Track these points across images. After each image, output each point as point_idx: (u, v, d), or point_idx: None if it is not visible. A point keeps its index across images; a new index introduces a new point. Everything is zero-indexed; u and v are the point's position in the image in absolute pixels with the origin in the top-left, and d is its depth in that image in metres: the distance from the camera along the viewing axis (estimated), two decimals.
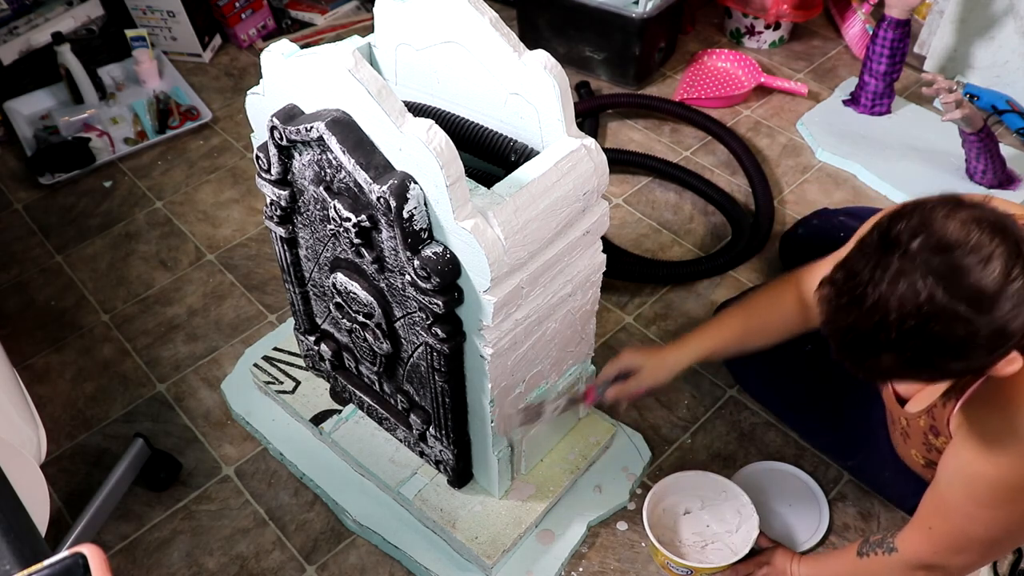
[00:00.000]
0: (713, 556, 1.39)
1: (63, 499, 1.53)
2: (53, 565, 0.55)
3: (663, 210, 2.03)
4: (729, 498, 1.43)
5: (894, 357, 0.87)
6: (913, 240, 0.84)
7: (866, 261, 0.87)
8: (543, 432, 1.40)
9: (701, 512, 1.45)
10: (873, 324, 0.86)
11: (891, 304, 0.84)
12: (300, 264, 1.36)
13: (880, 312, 0.85)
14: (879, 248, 0.87)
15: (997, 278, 0.81)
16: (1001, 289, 0.81)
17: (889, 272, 0.84)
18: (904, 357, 0.87)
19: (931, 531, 1.10)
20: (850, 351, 0.91)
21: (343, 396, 1.54)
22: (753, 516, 1.38)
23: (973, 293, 0.82)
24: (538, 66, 1.05)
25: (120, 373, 1.73)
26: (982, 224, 0.83)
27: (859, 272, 0.87)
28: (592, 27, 2.28)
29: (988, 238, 0.82)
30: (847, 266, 0.90)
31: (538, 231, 1.06)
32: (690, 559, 1.37)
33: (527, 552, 1.41)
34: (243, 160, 2.20)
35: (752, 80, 2.32)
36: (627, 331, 1.76)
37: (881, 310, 0.85)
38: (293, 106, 1.10)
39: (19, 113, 2.27)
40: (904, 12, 2.02)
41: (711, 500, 1.45)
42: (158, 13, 2.41)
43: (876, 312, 0.85)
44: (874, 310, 0.85)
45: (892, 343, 0.86)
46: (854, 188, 2.07)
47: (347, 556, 1.44)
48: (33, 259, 1.97)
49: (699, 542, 1.42)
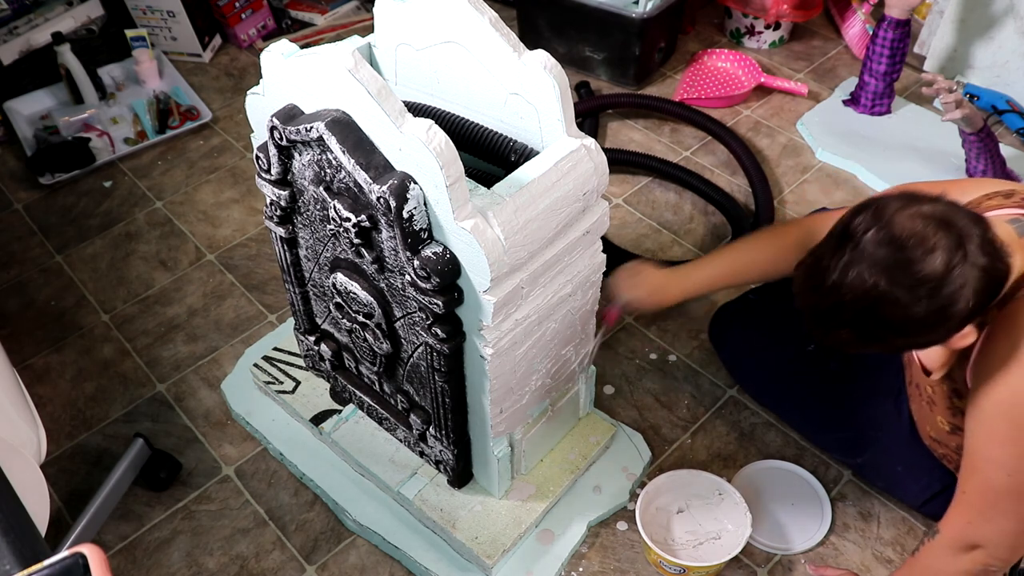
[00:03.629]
0: (706, 554, 1.39)
1: (63, 499, 1.53)
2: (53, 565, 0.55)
3: (663, 210, 2.03)
4: (724, 496, 1.43)
5: (850, 332, 1.01)
6: (865, 234, 0.97)
7: (829, 250, 1.00)
8: (543, 432, 1.40)
9: (694, 511, 1.45)
10: (830, 304, 1.00)
11: (843, 290, 0.98)
12: (300, 264, 1.36)
13: (835, 296, 0.99)
14: (839, 239, 1.00)
15: (938, 268, 0.93)
16: (942, 277, 0.93)
17: (843, 261, 0.98)
18: (858, 333, 1.01)
19: (964, 495, 1.11)
20: (815, 325, 1.05)
21: (343, 396, 1.54)
22: (746, 515, 1.38)
23: (914, 282, 0.94)
24: (538, 66, 1.05)
25: (120, 373, 1.73)
26: (928, 219, 0.95)
27: (822, 258, 1.01)
28: (592, 27, 2.28)
29: (932, 231, 0.94)
30: (816, 252, 1.03)
31: (538, 231, 1.06)
32: (683, 558, 1.37)
33: (527, 552, 1.41)
34: (243, 160, 2.20)
35: (752, 80, 2.32)
36: (627, 331, 1.77)
37: (836, 294, 0.98)
38: (293, 106, 1.10)
39: (19, 113, 2.27)
40: (904, 12, 2.02)
41: (705, 498, 1.45)
42: (158, 13, 2.41)
43: (832, 295, 0.99)
44: (830, 293, 0.99)
45: (847, 321, 1.00)
46: (854, 188, 2.07)
47: (347, 556, 1.44)
48: (33, 259, 1.97)
49: (692, 541, 1.42)
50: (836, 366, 1.44)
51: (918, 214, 0.96)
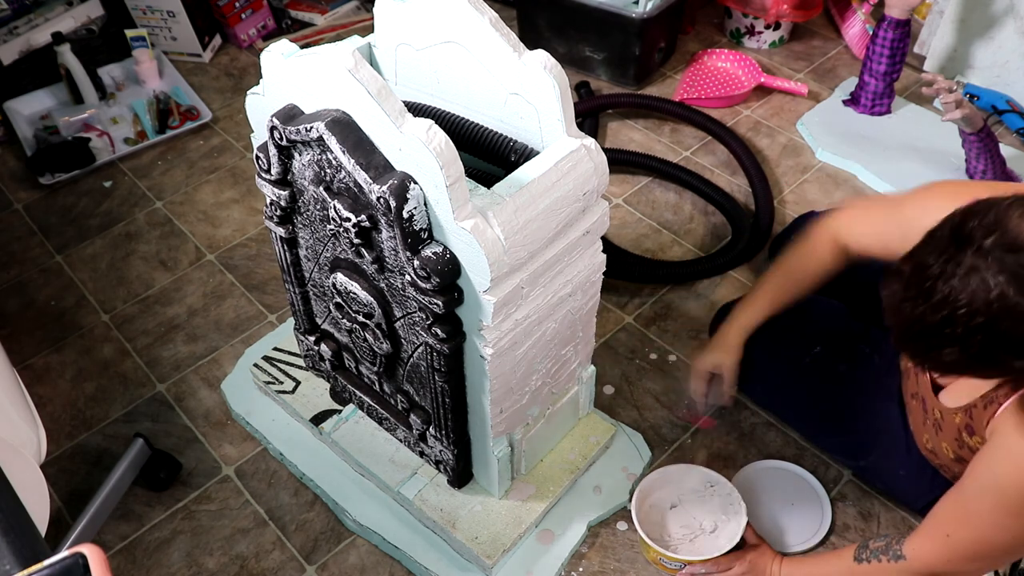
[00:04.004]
0: (702, 548, 1.39)
1: (63, 499, 1.53)
2: (53, 565, 0.55)
3: (663, 210, 2.03)
4: (716, 488, 1.43)
5: (958, 351, 0.89)
6: (987, 237, 0.85)
7: (937, 255, 0.88)
8: (543, 432, 1.40)
9: (688, 505, 1.44)
10: (941, 318, 0.87)
11: (961, 299, 0.85)
12: (300, 264, 1.36)
13: (949, 307, 0.86)
14: (951, 243, 0.87)
15: None
16: None
17: (962, 267, 0.85)
18: (968, 352, 0.88)
19: (949, 539, 1.08)
20: (914, 342, 0.92)
21: (343, 396, 1.54)
22: (741, 505, 1.38)
23: None
24: (538, 66, 1.05)
25: (120, 373, 1.73)
26: None
27: (929, 266, 0.88)
28: (592, 27, 2.28)
29: None
30: (916, 259, 0.91)
31: (538, 231, 1.06)
32: (680, 553, 1.37)
33: (527, 552, 1.41)
34: (243, 160, 2.20)
35: (752, 80, 2.32)
36: (627, 331, 1.77)
37: (951, 305, 0.86)
38: (293, 106, 1.10)
39: (19, 113, 2.27)
40: (904, 12, 2.02)
41: (698, 492, 1.45)
42: (158, 13, 2.41)
43: (945, 306, 0.86)
44: (943, 304, 0.86)
45: (958, 338, 0.87)
46: (854, 188, 2.07)
47: (347, 556, 1.44)
48: (33, 259, 1.97)
49: (687, 535, 1.41)
50: (845, 368, 1.43)
51: None
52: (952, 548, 1.08)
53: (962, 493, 1.07)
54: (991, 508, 1.02)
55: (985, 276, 0.84)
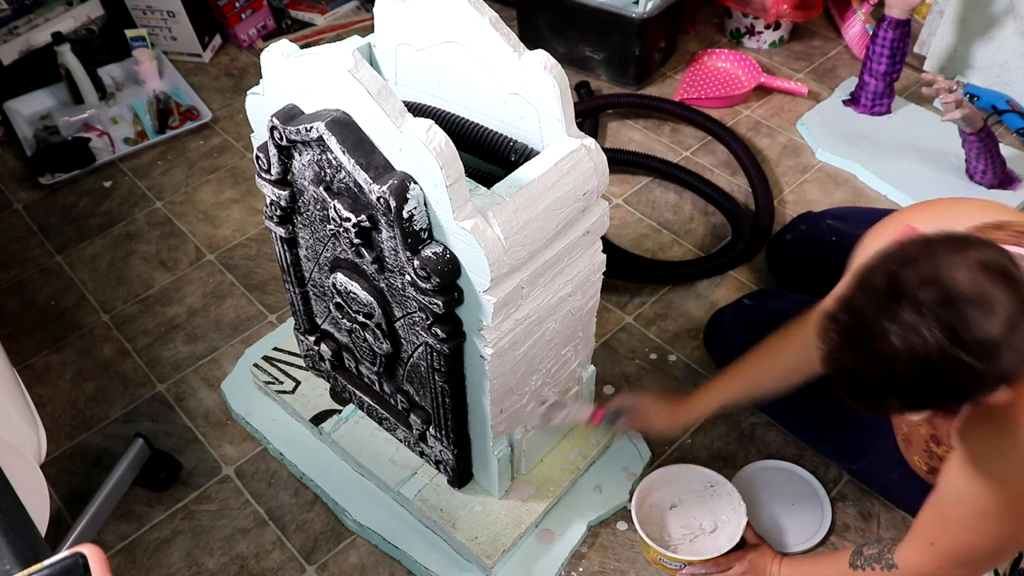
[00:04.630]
0: (702, 548, 1.39)
1: (63, 499, 1.53)
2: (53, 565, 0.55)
3: (663, 210, 2.03)
4: (716, 488, 1.43)
5: (898, 401, 0.90)
6: (921, 290, 0.85)
7: (873, 308, 0.88)
8: (543, 432, 1.40)
9: (688, 505, 1.44)
10: (879, 373, 0.88)
11: (899, 355, 0.85)
12: (300, 264, 1.36)
13: (887, 363, 0.86)
14: (887, 297, 0.87)
15: (1002, 328, 0.83)
16: (1005, 338, 0.83)
17: (899, 324, 0.85)
18: (908, 400, 0.90)
19: (933, 547, 1.09)
20: (854, 392, 0.93)
21: (343, 396, 1.54)
22: (741, 505, 1.38)
23: (979, 343, 0.83)
24: (538, 66, 1.05)
25: (120, 373, 1.73)
26: (989, 271, 0.84)
27: (866, 319, 0.88)
28: (592, 27, 2.28)
29: (993, 287, 0.83)
30: (851, 308, 0.90)
31: (538, 231, 1.06)
32: (680, 553, 1.37)
33: (527, 552, 1.41)
34: (243, 160, 2.20)
35: (752, 80, 2.32)
36: (627, 331, 1.77)
37: (888, 361, 0.86)
38: (293, 106, 1.10)
39: (19, 113, 2.27)
40: (904, 12, 2.02)
41: (699, 493, 1.45)
42: (158, 13, 2.41)
43: (883, 363, 0.87)
44: (881, 360, 0.87)
45: (897, 389, 0.88)
46: (854, 188, 2.07)
47: (347, 556, 1.44)
48: (33, 259, 1.97)
49: (687, 535, 1.41)
50: None
51: (977, 265, 0.85)
52: (938, 555, 1.09)
53: (939, 502, 1.08)
54: (967, 515, 1.03)
55: (923, 332, 0.84)
